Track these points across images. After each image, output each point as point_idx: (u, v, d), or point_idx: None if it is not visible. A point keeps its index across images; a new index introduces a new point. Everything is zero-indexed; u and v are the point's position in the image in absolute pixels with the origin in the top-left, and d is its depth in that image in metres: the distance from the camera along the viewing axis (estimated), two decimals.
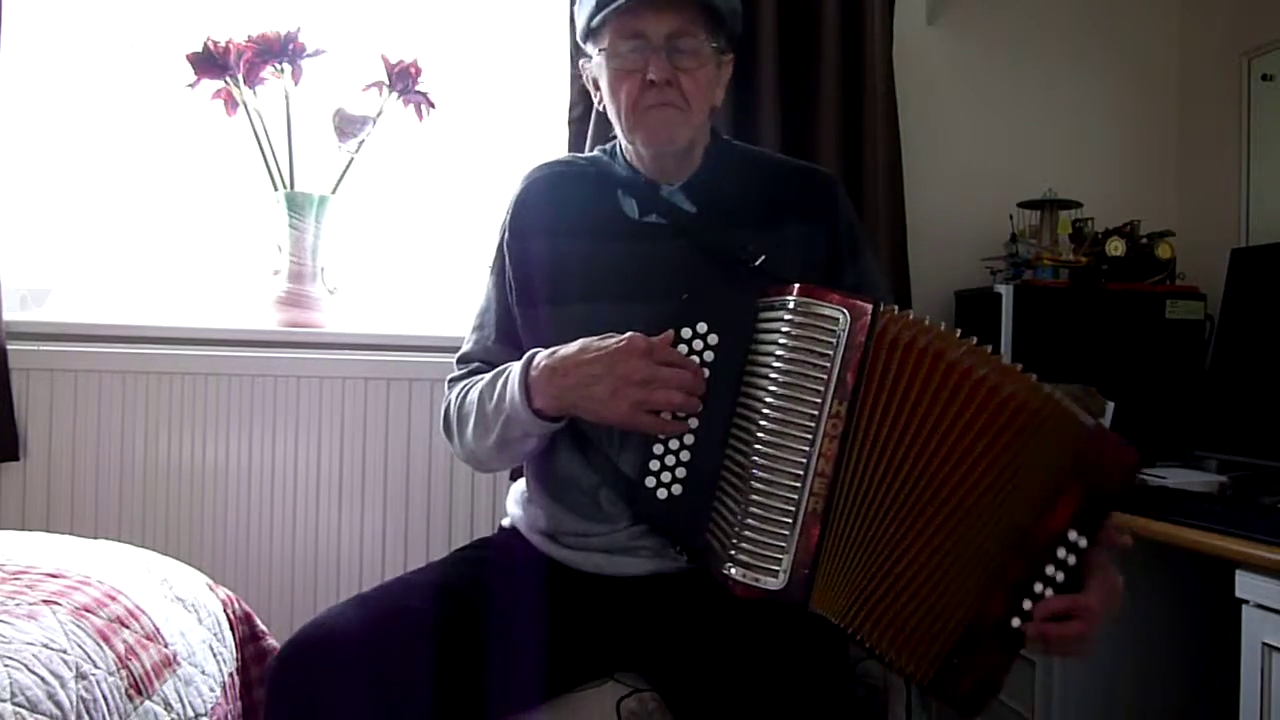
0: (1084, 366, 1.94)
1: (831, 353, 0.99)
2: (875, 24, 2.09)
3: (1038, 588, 0.98)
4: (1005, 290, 1.98)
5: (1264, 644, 1.34)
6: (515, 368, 1.19)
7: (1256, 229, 2.12)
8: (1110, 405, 1.84)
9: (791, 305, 1.01)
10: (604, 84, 1.26)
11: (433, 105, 2.06)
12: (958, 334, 1.00)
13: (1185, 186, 2.35)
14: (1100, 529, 0.99)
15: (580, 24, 1.26)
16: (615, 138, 1.33)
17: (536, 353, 1.17)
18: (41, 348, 1.89)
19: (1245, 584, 1.36)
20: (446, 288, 2.17)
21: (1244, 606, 1.36)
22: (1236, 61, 2.18)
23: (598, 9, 1.21)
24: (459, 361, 1.39)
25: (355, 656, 1.07)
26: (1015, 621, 0.98)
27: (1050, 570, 0.98)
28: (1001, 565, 0.98)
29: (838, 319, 0.99)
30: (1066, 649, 1.00)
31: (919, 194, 2.17)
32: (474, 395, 1.26)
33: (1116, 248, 2.03)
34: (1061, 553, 0.97)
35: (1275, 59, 2.10)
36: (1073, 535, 0.97)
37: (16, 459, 1.87)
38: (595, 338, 1.12)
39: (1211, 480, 1.80)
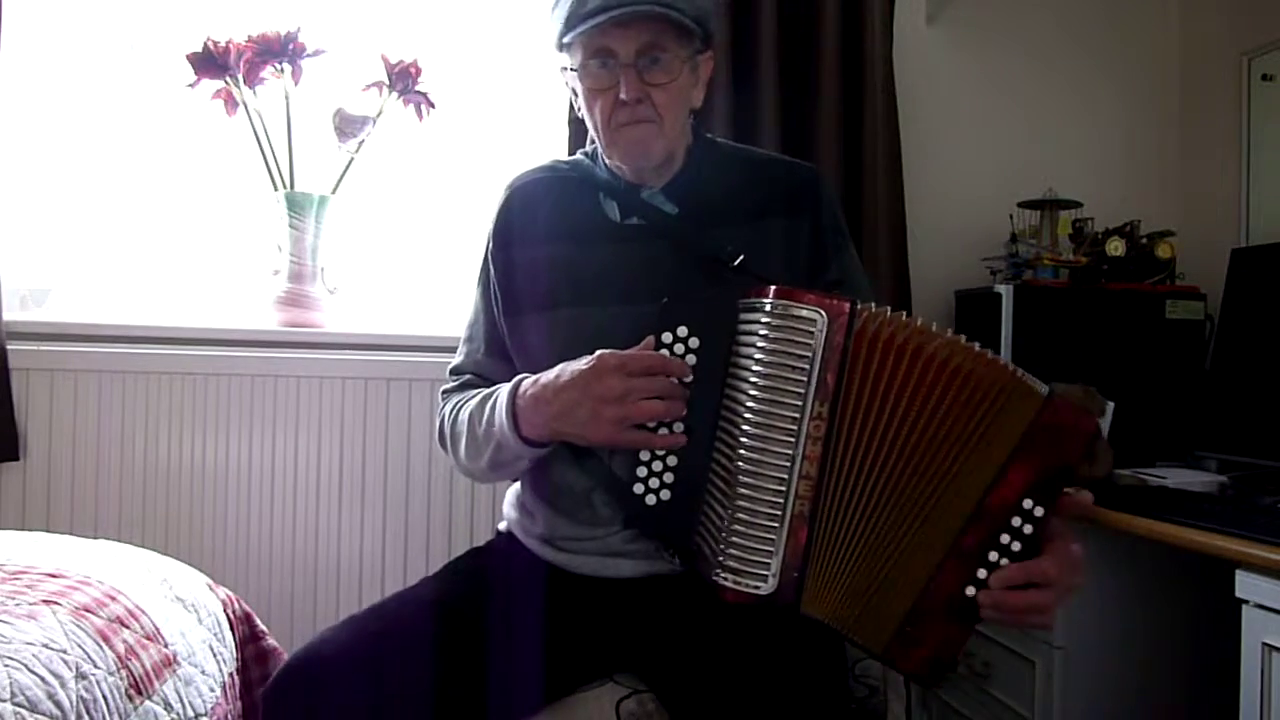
0: (1084, 366, 1.94)
1: (810, 354, 0.98)
2: (875, 23, 2.09)
3: (993, 557, 0.98)
4: (1005, 290, 1.98)
5: (1264, 644, 1.33)
6: (503, 394, 1.18)
7: (1256, 229, 2.12)
8: (1110, 405, 1.84)
9: (768, 307, 1.00)
10: (580, 97, 1.26)
11: (433, 105, 2.06)
12: (934, 328, 1.00)
13: (1185, 186, 2.35)
14: (1057, 497, 0.98)
15: (553, 37, 1.26)
16: None
17: (523, 379, 1.17)
18: (41, 348, 1.89)
19: (1245, 584, 1.36)
20: (446, 288, 2.17)
21: (1244, 606, 1.36)
22: (1236, 61, 2.18)
23: (567, 27, 1.20)
24: (451, 373, 1.39)
25: (351, 678, 1.06)
26: (970, 591, 0.98)
27: (1005, 539, 0.98)
28: (957, 536, 0.98)
29: (815, 320, 0.99)
30: (1027, 619, 0.99)
31: (919, 194, 2.17)
32: (464, 416, 1.26)
33: (1116, 248, 2.03)
34: (1017, 521, 0.97)
35: (1275, 59, 2.10)
36: (1028, 504, 0.97)
37: (16, 459, 1.87)
38: (572, 361, 1.11)
39: (1211, 480, 1.80)
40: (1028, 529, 0.97)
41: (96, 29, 2.10)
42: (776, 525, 0.99)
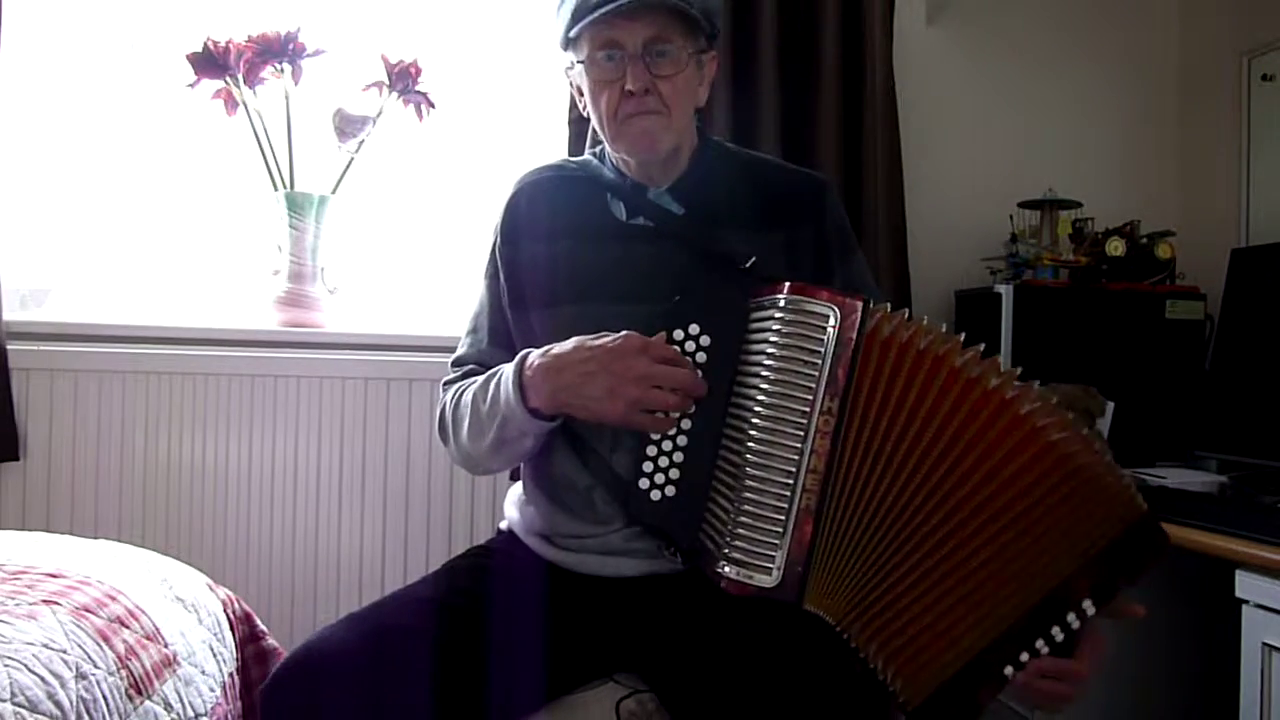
0: (1084, 366, 1.94)
1: (822, 349, 0.99)
2: (875, 24, 2.09)
3: (1038, 643, 0.98)
4: (1005, 290, 1.98)
5: (1264, 644, 1.33)
6: (508, 368, 1.18)
7: (1256, 229, 2.12)
8: (1110, 405, 1.84)
9: (782, 303, 1.01)
10: (586, 93, 1.26)
11: (433, 105, 2.06)
12: (961, 338, 0.99)
13: (1185, 186, 2.35)
14: (1112, 600, 0.98)
15: (559, 34, 1.26)
16: None
17: (529, 352, 1.17)
18: (41, 348, 1.89)
19: (1245, 584, 1.36)
20: (446, 288, 2.17)
21: (1244, 606, 1.36)
22: (1236, 61, 2.18)
23: (574, 20, 1.21)
24: (453, 365, 1.40)
25: (350, 677, 1.06)
26: (1008, 669, 0.98)
27: (1055, 630, 0.97)
28: (1015, 616, 0.98)
29: (828, 316, 0.99)
30: (1044, 705, 1.01)
31: (919, 194, 2.17)
32: (468, 397, 1.26)
33: (1116, 248, 2.03)
34: (1070, 617, 0.97)
35: (1275, 59, 2.10)
36: (1086, 603, 0.97)
37: (16, 459, 1.87)
38: (589, 336, 1.12)
39: (1211, 480, 1.79)
40: (1076, 625, 0.97)
41: (96, 29, 2.10)
42: (782, 518, 0.99)
